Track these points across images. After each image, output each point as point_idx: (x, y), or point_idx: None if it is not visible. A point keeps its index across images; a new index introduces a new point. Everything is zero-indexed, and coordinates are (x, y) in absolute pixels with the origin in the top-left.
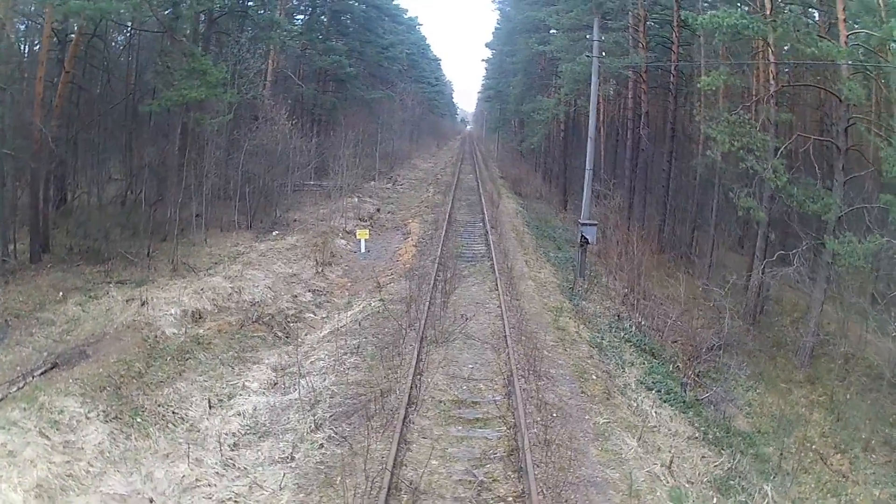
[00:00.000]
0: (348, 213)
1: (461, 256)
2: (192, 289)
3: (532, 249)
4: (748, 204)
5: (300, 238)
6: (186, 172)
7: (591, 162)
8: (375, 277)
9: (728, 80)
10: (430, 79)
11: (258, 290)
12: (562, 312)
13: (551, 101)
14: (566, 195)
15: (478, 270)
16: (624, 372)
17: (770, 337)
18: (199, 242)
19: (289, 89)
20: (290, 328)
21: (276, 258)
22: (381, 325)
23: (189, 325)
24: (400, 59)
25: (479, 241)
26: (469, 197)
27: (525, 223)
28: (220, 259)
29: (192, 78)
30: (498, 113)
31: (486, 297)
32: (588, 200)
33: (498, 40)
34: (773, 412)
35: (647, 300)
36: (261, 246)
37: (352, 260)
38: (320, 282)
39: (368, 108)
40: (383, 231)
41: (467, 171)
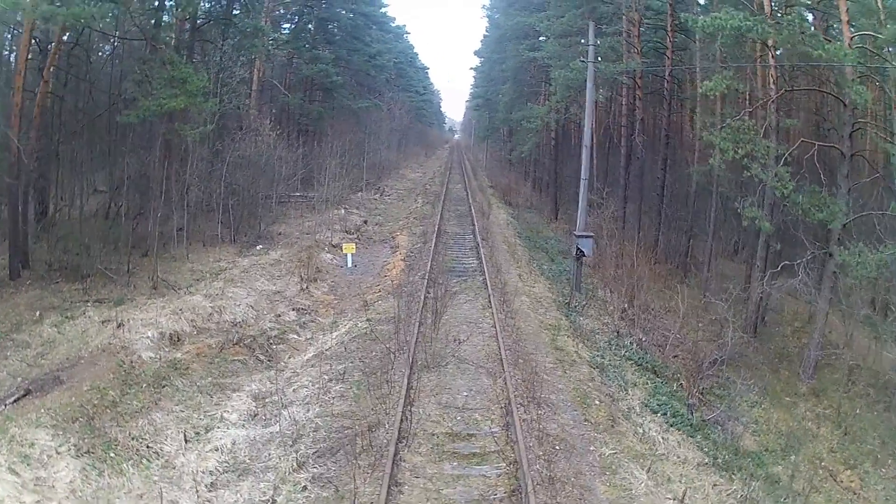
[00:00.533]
0: (335, 225)
1: (452, 271)
2: (171, 308)
3: (525, 262)
4: (752, 214)
5: (285, 252)
6: (168, 185)
7: (586, 171)
8: (362, 295)
9: (731, 84)
10: (417, 87)
11: (240, 310)
12: (559, 330)
13: (542, 109)
14: (557, 204)
15: (470, 286)
16: (627, 394)
17: (772, 348)
18: (181, 258)
19: (275, 99)
20: (273, 351)
21: (260, 274)
22: (369, 347)
23: (166, 348)
24: (387, 67)
25: (471, 255)
26: (458, 207)
27: (517, 234)
28: (202, 275)
29: (171, 87)
30: (486, 121)
31: (480, 316)
32: (584, 211)
33: (486, 48)
34: (780, 429)
35: (646, 313)
36: (244, 261)
37: (338, 275)
38: (305, 299)
39: (356, 118)
40: (371, 244)
41: (456, 181)
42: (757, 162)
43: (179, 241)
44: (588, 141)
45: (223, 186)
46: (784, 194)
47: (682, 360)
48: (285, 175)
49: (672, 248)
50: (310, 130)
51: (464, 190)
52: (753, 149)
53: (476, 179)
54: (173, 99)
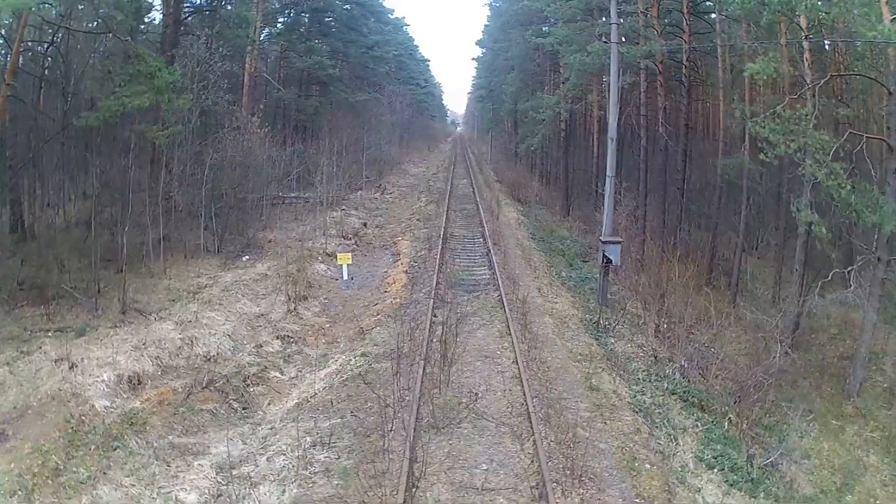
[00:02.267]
0: (330, 230)
1: (461, 285)
2: (134, 341)
3: (543, 269)
4: (808, 218)
5: (272, 265)
6: (147, 192)
7: (612, 167)
8: (358, 318)
9: (778, 67)
10: (419, 80)
11: (214, 341)
12: (592, 361)
13: (553, 98)
14: (569, 200)
15: (483, 305)
16: (678, 445)
17: (811, 360)
18: (158, 273)
19: (269, 95)
20: (249, 396)
21: (242, 293)
22: (363, 395)
23: (124, 394)
24: (387, 59)
25: (482, 263)
26: (465, 206)
27: (530, 236)
28: (179, 295)
29: (136, 83)
30: (490, 113)
31: (497, 347)
32: (610, 214)
33: (489, 37)
34: (833, 461)
35: (679, 325)
36: (227, 276)
37: (332, 290)
38: (292, 323)
39: (354, 112)
40: (370, 251)
41: (461, 176)
42: (811, 157)
43: (158, 253)
44: (613, 132)
45: (204, 192)
46: (840, 195)
47: (723, 381)
48: (277, 175)
49: (695, 247)
50: (307, 127)
51: (470, 186)
52: (807, 142)
53: (482, 174)
54: (138, 97)
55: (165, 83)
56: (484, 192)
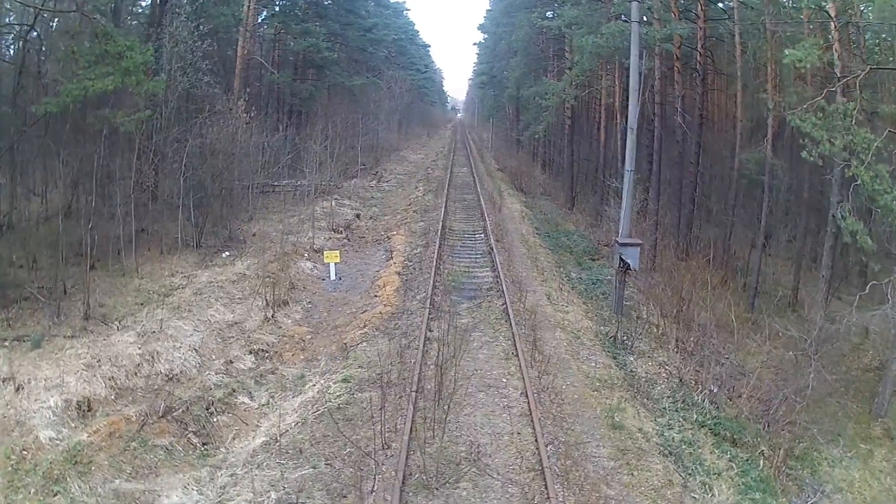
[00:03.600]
0: (320, 221)
1: (461, 290)
2: (88, 357)
3: (550, 271)
4: (854, 227)
5: (253, 263)
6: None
7: (632, 160)
8: (343, 329)
9: (822, 55)
10: (419, 65)
11: (179, 356)
12: (612, 389)
13: (559, 84)
14: (573, 191)
15: (485, 317)
16: (714, 495)
17: (834, 373)
18: (130, 271)
19: (263, 79)
20: (212, 427)
21: (217, 296)
22: (341, 436)
23: (73, 422)
24: (385, 42)
25: (483, 263)
26: (465, 196)
27: (535, 231)
28: (148, 298)
29: (102, 64)
30: (492, 99)
31: (502, 373)
32: (628, 213)
33: (491, 21)
34: (864, 495)
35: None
36: (203, 276)
37: (317, 292)
38: (269, 334)
39: (351, 97)
40: (362, 246)
41: (461, 164)
42: (857, 157)
43: (139, 245)
44: (634, 121)
45: (182, 181)
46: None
47: (751, 402)
48: (266, 162)
49: (706, 244)
50: (302, 112)
51: (470, 174)
52: (853, 140)
53: (483, 162)
54: (102, 79)
55: (135, 64)
56: (485, 182)
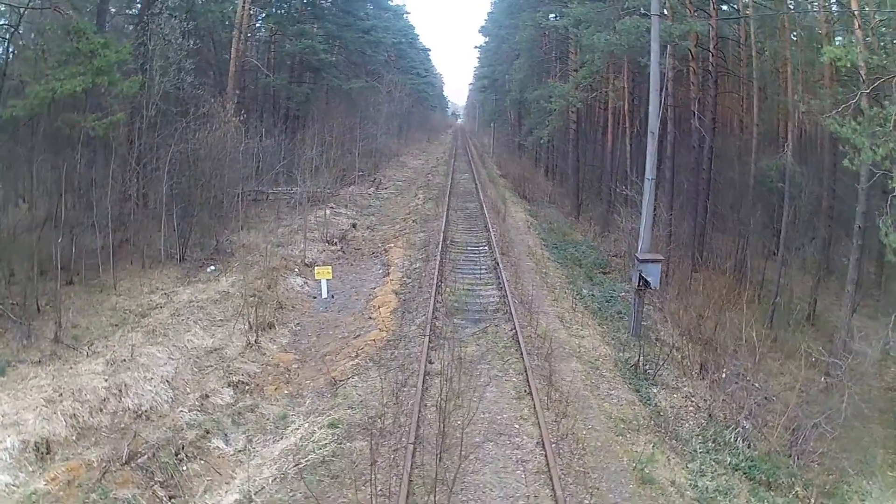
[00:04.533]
0: (314, 232)
1: (465, 311)
2: (51, 390)
3: (561, 287)
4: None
5: (239, 279)
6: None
7: (653, 168)
8: (333, 359)
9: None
10: (419, 69)
11: (150, 389)
12: (638, 432)
13: (566, 87)
14: (579, 199)
15: (492, 345)
16: None
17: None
18: (108, 287)
19: (258, 82)
20: (181, 477)
21: (196, 318)
22: (326, 496)
23: (31, 466)
24: (384, 44)
25: (488, 281)
26: (467, 205)
27: (541, 242)
28: (124, 318)
29: (73, 63)
30: (493, 104)
31: (514, 417)
32: (648, 224)
33: (493, 24)
34: None
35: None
36: (184, 293)
37: (307, 313)
38: (251, 362)
39: (349, 101)
40: (357, 259)
41: (462, 170)
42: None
43: (122, 258)
44: (655, 125)
45: (164, 189)
46: None
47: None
48: (259, 168)
49: (719, 254)
50: (299, 116)
51: (472, 181)
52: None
53: (485, 167)
54: (71, 80)
55: (108, 63)
56: (488, 189)
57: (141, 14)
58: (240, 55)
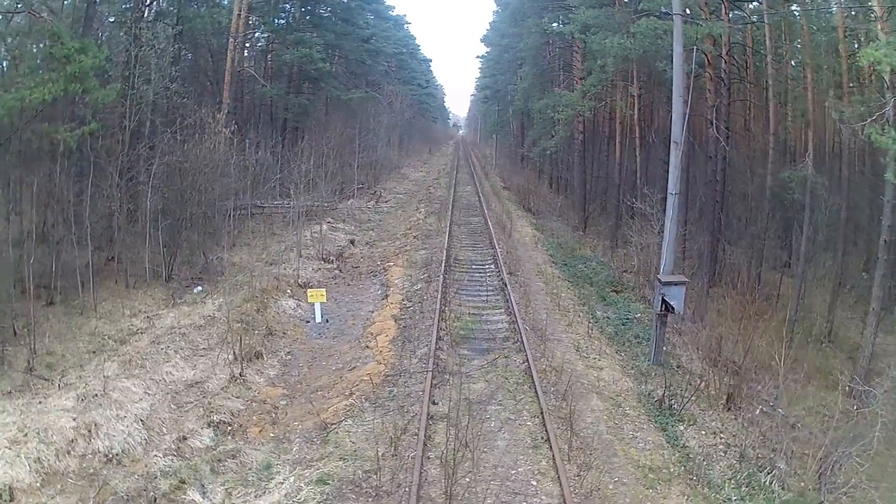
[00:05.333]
0: (309, 248)
1: (471, 340)
2: (15, 430)
3: (574, 310)
4: None
5: (226, 301)
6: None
7: (676, 182)
8: (324, 396)
9: None
10: (420, 80)
11: (122, 429)
12: (669, 484)
13: (573, 95)
14: (586, 212)
15: (503, 381)
16: None
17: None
18: (89, 308)
19: (254, 92)
20: None
21: (177, 346)
22: None
23: None
24: (384, 53)
25: (496, 304)
26: (471, 219)
27: (550, 259)
28: (103, 344)
29: (49, 70)
30: (495, 114)
31: (531, 471)
32: (671, 244)
33: (496, 32)
34: None
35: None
36: (168, 317)
37: (298, 339)
38: (235, 398)
39: (349, 112)
40: (355, 279)
41: (465, 182)
42: None
43: (107, 276)
44: (679, 134)
45: (150, 204)
46: None
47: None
48: (254, 181)
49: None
50: (297, 127)
51: (475, 194)
52: None
53: (487, 180)
54: (41, 87)
55: (82, 69)
56: (491, 201)
57: (130, 19)
58: (235, 64)
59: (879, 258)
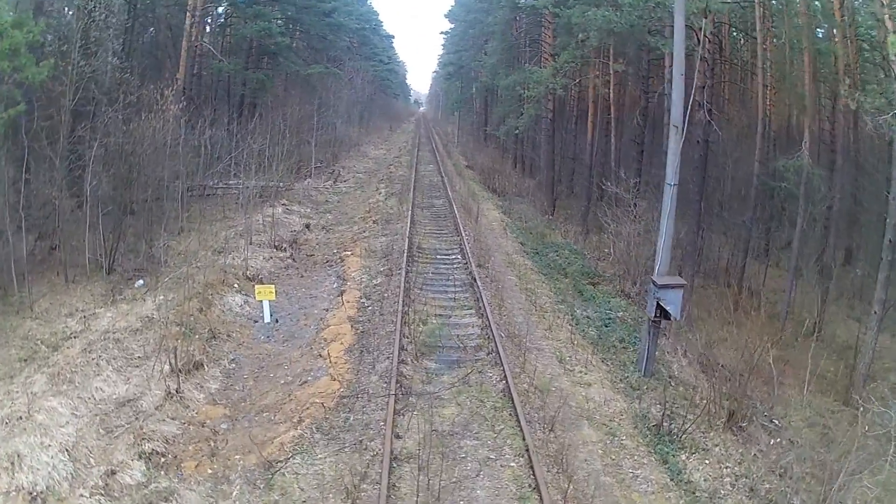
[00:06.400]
0: (261, 234)
1: (438, 349)
2: None
3: (552, 309)
4: None
5: (166, 298)
6: None
7: (675, 170)
8: (270, 419)
9: None
10: (381, 56)
11: (47, 460)
12: None
13: (545, 72)
14: (554, 194)
15: (478, 404)
16: None
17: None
18: (25, 308)
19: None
20: None
21: (111, 355)
22: None
23: None
24: (346, 28)
25: (465, 303)
26: (434, 201)
27: (521, 247)
28: (35, 351)
29: None
30: (458, 91)
31: None
32: (668, 241)
33: (461, 7)
34: None
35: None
36: (105, 317)
37: (245, 343)
38: (170, 420)
39: (308, 88)
40: (309, 269)
41: (427, 160)
42: None
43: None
44: (679, 116)
45: (88, 189)
46: None
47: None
48: (208, 161)
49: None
50: (255, 104)
51: (438, 173)
52: None
53: (450, 158)
54: None
55: (14, 45)
56: (455, 182)
57: None
58: (193, 39)
59: (884, 258)
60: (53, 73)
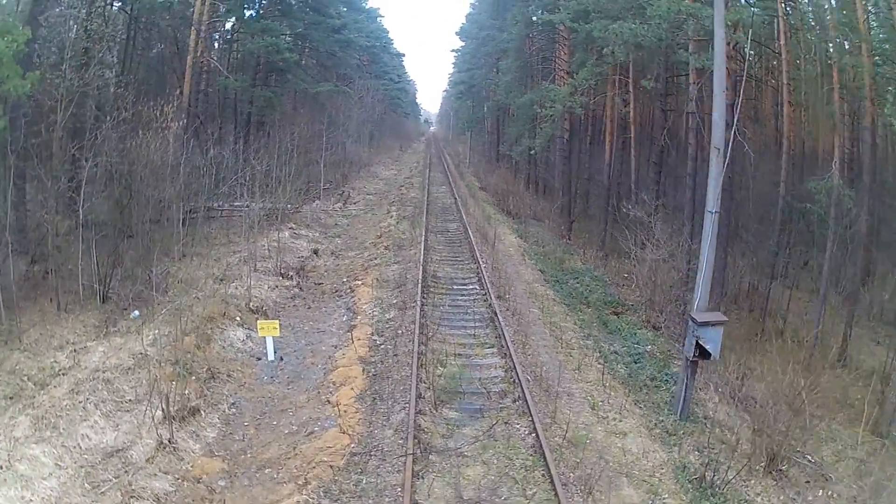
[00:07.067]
0: (266, 261)
1: (459, 396)
2: None
3: (578, 346)
4: None
5: (162, 332)
6: None
7: (717, 197)
8: (272, 483)
9: None
10: (392, 75)
11: None
12: None
13: (564, 90)
14: (571, 216)
15: (506, 465)
16: None
17: None
18: (14, 339)
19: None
20: None
21: (100, 397)
22: None
23: None
24: (356, 45)
25: (486, 339)
26: (448, 225)
27: (541, 275)
28: (21, 387)
29: None
30: (469, 111)
31: None
32: (708, 274)
33: (473, 25)
34: None
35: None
36: (96, 352)
37: (246, 384)
38: (162, 475)
39: (317, 106)
40: (317, 299)
41: (439, 182)
42: None
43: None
44: (720, 138)
45: (81, 212)
46: None
47: None
48: (214, 181)
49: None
50: (263, 122)
51: (450, 195)
52: None
53: (463, 179)
54: None
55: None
56: (469, 204)
57: None
58: (198, 55)
59: None
60: (42, 87)
